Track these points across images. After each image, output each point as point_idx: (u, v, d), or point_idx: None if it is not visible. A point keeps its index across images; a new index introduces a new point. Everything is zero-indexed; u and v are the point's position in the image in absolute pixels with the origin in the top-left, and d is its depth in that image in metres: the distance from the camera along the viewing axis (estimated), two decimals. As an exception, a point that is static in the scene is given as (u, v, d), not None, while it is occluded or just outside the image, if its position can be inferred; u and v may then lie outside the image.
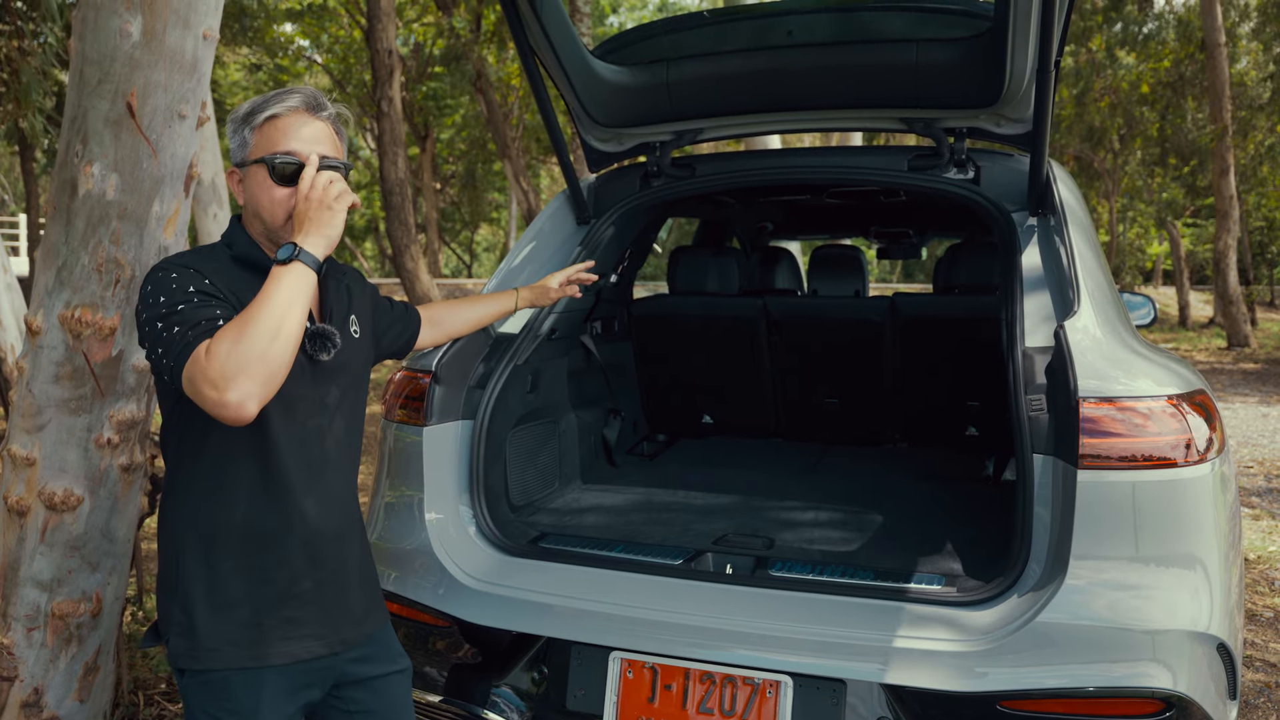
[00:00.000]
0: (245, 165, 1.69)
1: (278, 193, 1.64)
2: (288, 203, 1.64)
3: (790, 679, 1.87)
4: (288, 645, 1.65)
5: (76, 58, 2.54)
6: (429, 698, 2.17)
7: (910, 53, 2.41)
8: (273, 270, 1.51)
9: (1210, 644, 1.80)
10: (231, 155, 1.71)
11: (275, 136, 1.65)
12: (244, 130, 1.69)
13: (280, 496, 1.65)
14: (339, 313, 1.78)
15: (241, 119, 1.70)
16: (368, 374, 1.89)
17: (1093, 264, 2.20)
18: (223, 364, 1.39)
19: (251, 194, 1.68)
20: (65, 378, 2.58)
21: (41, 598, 2.64)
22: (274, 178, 1.64)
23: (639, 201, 2.80)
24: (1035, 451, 1.91)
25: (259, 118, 1.68)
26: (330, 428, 1.73)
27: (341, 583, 1.74)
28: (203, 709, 1.62)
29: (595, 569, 2.14)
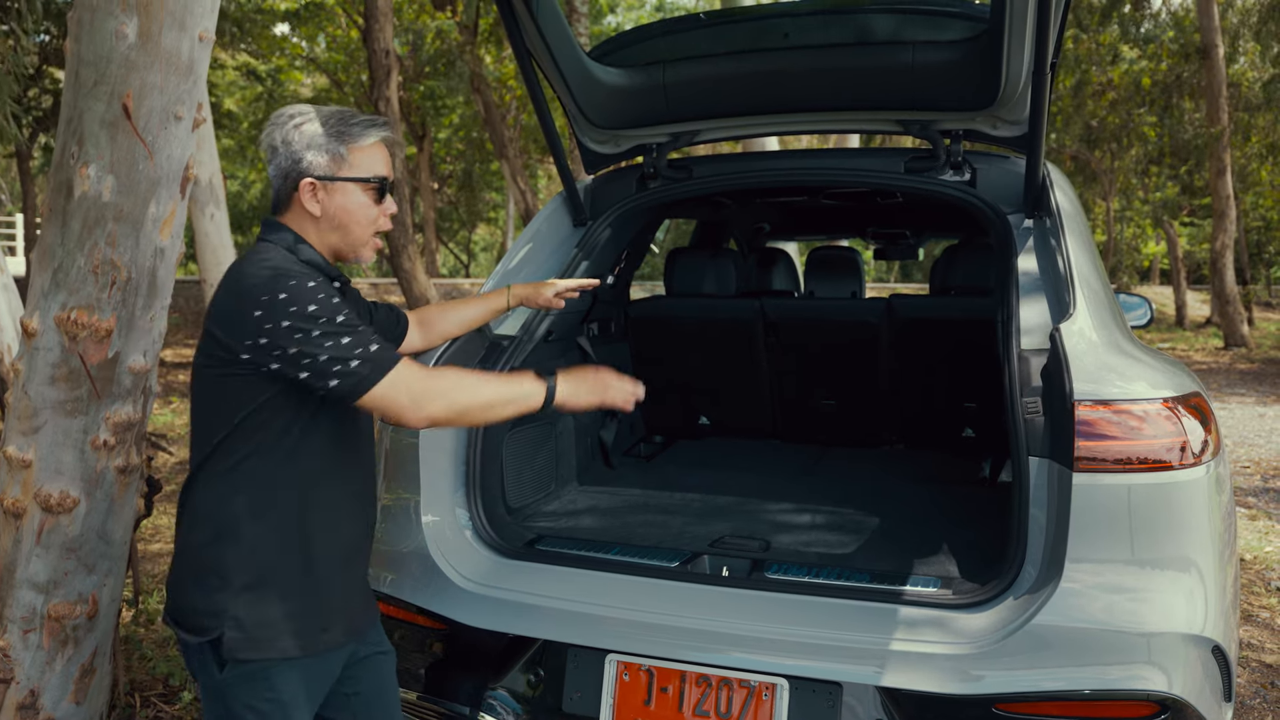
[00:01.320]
0: (336, 180, 1.73)
1: (373, 211, 1.77)
2: (377, 222, 1.78)
3: (786, 681, 1.87)
4: (325, 635, 1.74)
5: (72, 59, 2.54)
6: (425, 700, 2.17)
7: (906, 55, 2.42)
8: (531, 380, 1.76)
9: (1205, 646, 1.80)
10: (310, 167, 1.72)
11: (373, 160, 1.77)
12: (337, 146, 1.73)
13: (335, 498, 1.76)
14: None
15: (334, 135, 1.73)
16: None
17: (1088, 266, 2.20)
18: (435, 394, 1.64)
19: (341, 207, 1.75)
20: (61, 379, 2.57)
21: (38, 600, 2.64)
22: (373, 197, 1.76)
23: (636, 203, 2.80)
24: (1031, 454, 1.91)
25: (362, 139, 1.75)
26: (363, 430, 1.85)
27: (362, 575, 1.88)
28: (244, 701, 1.67)
29: (591, 571, 2.14)
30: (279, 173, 1.74)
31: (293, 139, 1.72)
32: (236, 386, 1.65)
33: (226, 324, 1.63)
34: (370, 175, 1.75)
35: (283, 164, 1.73)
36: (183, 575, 1.72)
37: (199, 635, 1.67)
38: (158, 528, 5.40)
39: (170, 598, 1.75)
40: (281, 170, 1.74)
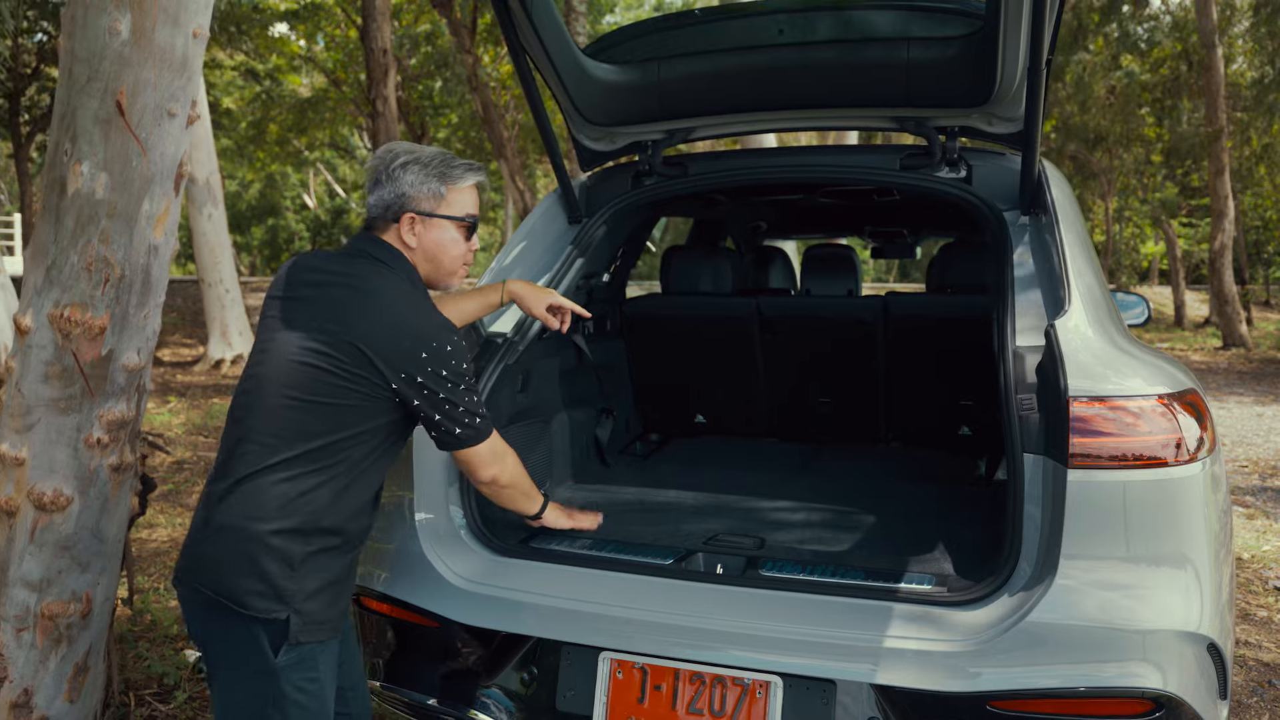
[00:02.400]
0: (434, 216, 1.91)
1: (464, 247, 1.97)
2: (465, 256, 1.99)
3: (780, 679, 1.86)
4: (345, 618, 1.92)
5: (66, 56, 2.53)
6: (418, 699, 2.16)
7: (902, 51, 2.41)
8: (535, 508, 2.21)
9: (1201, 644, 1.79)
10: (413, 202, 1.90)
11: (468, 202, 1.97)
12: (439, 185, 1.91)
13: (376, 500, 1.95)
14: None
15: (436, 175, 1.91)
16: None
17: (1084, 263, 2.20)
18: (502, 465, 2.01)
19: (436, 242, 1.93)
20: (54, 377, 2.57)
21: (31, 598, 2.63)
22: (467, 235, 1.97)
23: (631, 200, 2.79)
24: (1026, 451, 1.91)
25: (461, 181, 1.95)
26: None
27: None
28: (295, 683, 1.78)
29: (585, 569, 2.13)
30: (381, 203, 1.91)
31: (399, 175, 1.89)
32: (358, 401, 1.80)
33: (387, 352, 1.79)
34: (464, 215, 1.94)
35: (386, 196, 1.90)
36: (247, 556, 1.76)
37: (261, 615, 1.74)
38: (154, 526, 5.39)
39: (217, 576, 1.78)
40: (384, 201, 1.90)
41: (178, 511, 5.69)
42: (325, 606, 1.81)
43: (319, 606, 1.79)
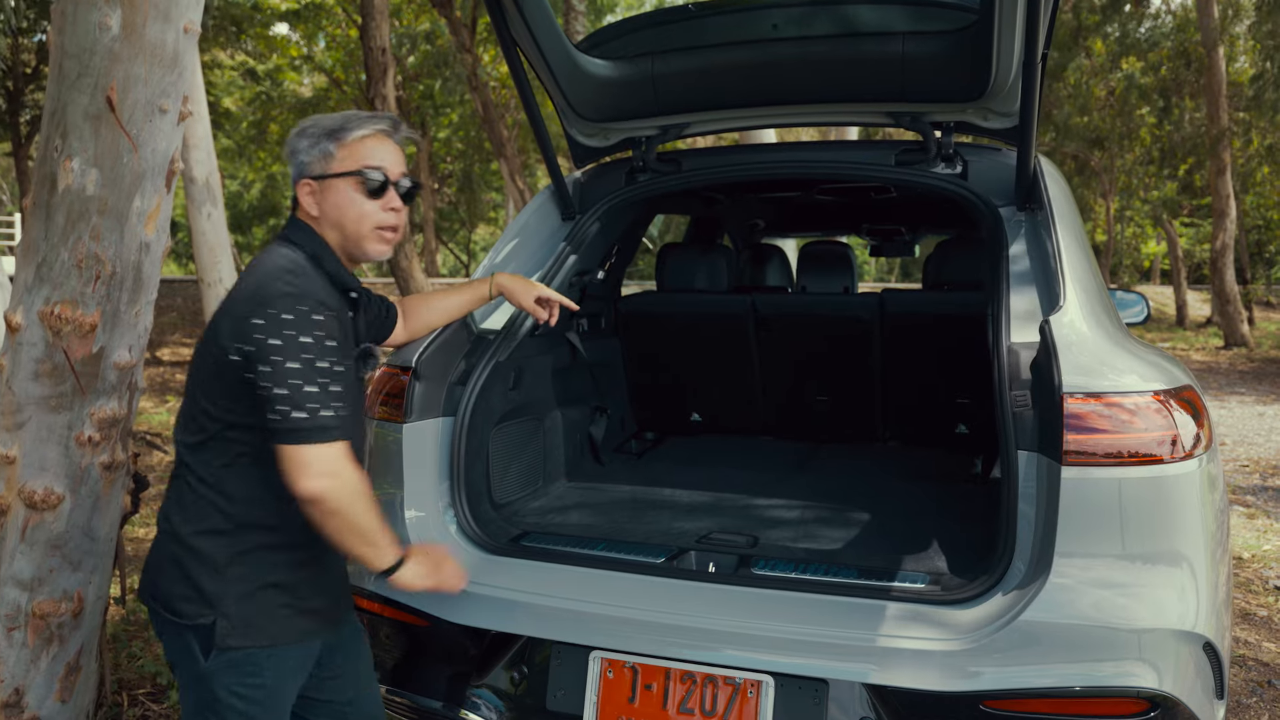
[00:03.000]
0: (326, 178, 1.77)
1: (367, 205, 1.77)
2: (374, 216, 1.78)
3: (772, 679, 1.84)
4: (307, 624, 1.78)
5: (56, 51, 2.52)
6: (408, 698, 2.14)
7: (896, 46, 2.39)
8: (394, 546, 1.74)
9: (1196, 643, 1.77)
10: (306, 168, 1.78)
11: (364, 154, 1.77)
12: (328, 144, 1.77)
13: None
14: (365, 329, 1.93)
15: (325, 135, 1.77)
16: None
17: (1080, 259, 2.18)
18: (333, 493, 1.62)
19: (335, 206, 1.77)
20: (45, 375, 2.55)
21: (22, 597, 2.61)
22: (365, 191, 1.76)
23: (625, 197, 2.77)
24: (1020, 448, 1.89)
25: (349, 135, 1.77)
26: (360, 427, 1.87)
27: (343, 567, 1.92)
28: (228, 687, 1.70)
29: (576, 567, 2.11)
30: (292, 180, 1.81)
31: (296, 145, 1.79)
32: (234, 385, 1.67)
33: (229, 324, 1.67)
34: (358, 168, 1.76)
35: (291, 171, 1.80)
36: (172, 560, 1.73)
37: (189, 621, 1.69)
38: (149, 525, 5.38)
39: (154, 581, 1.77)
40: (292, 177, 1.81)
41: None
42: (264, 610, 1.71)
43: (254, 610, 1.70)
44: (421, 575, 1.79)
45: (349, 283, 1.80)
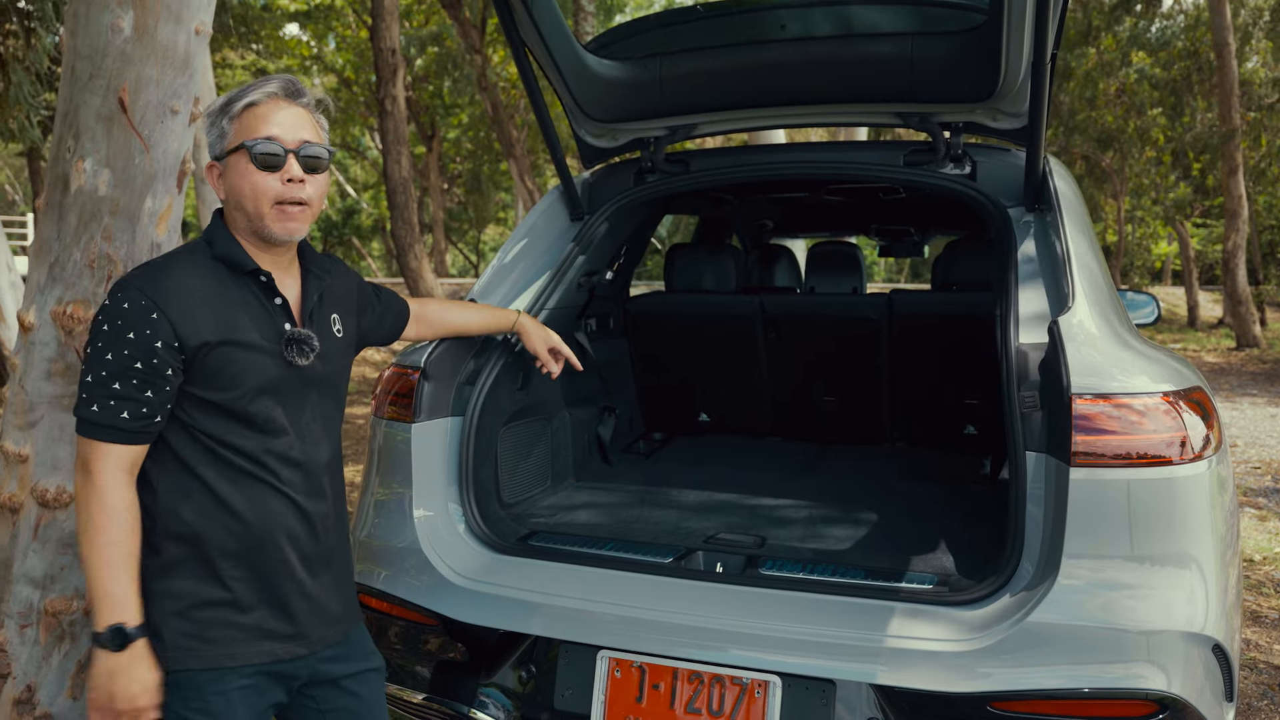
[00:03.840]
0: (224, 156, 1.66)
1: (260, 179, 1.62)
2: (271, 190, 1.63)
3: (779, 679, 1.84)
4: (262, 645, 1.65)
5: (69, 53, 2.53)
6: (416, 697, 2.15)
7: (905, 46, 2.39)
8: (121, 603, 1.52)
9: (1206, 645, 1.77)
10: (210, 149, 1.68)
11: (254, 124, 1.64)
12: (221, 121, 1.66)
13: (265, 499, 1.66)
14: (320, 313, 1.77)
15: (219, 110, 1.68)
16: (348, 370, 1.89)
17: (1089, 259, 2.17)
18: (81, 492, 1.54)
19: (233, 185, 1.66)
20: (58, 374, 2.57)
21: (34, 595, 2.63)
22: (255, 164, 1.62)
23: (633, 197, 2.78)
24: (1028, 449, 1.89)
25: (236, 107, 1.65)
26: (312, 427, 1.73)
27: (324, 582, 1.75)
28: (174, 710, 1.60)
29: (584, 567, 2.11)
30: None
31: (205, 126, 1.69)
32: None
33: None
34: (245, 140, 1.62)
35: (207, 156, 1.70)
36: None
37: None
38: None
39: None
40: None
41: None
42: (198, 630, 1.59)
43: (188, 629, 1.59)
44: (111, 684, 1.52)
45: (245, 263, 1.65)
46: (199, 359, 1.58)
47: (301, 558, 1.70)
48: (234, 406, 1.61)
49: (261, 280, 1.67)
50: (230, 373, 1.60)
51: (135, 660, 1.53)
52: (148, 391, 1.55)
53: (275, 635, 1.67)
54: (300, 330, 1.68)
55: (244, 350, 1.61)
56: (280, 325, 1.67)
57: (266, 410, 1.64)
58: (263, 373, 1.63)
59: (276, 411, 1.66)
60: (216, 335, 1.59)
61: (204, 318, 1.58)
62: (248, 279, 1.66)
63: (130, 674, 1.52)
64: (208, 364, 1.59)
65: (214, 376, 1.59)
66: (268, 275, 1.68)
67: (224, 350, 1.59)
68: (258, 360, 1.62)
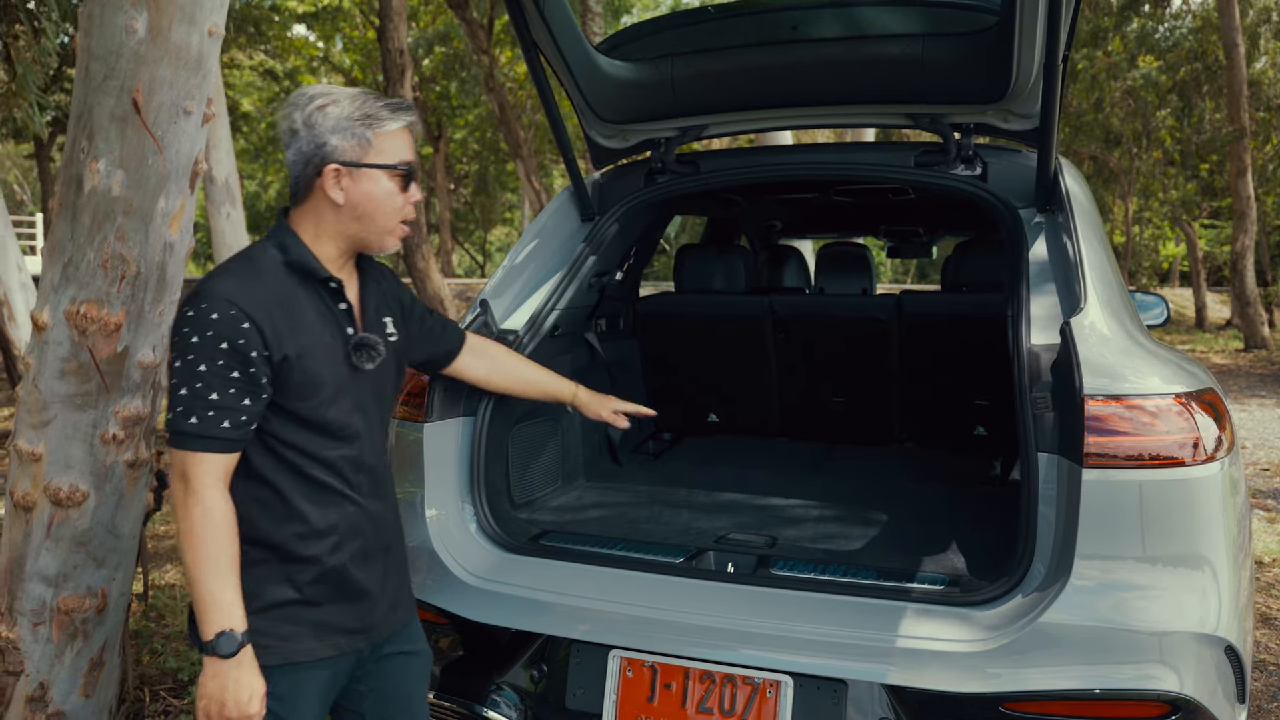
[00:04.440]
0: (362, 166, 1.67)
1: (400, 199, 1.71)
2: (403, 210, 1.73)
3: (791, 679, 1.85)
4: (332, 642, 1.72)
5: (83, 54, 2.55)
6: (428, 695, 2.16)
7: (916, 47, 2.39)
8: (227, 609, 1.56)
9: (1218, 646, 1.76)
10: (334, 152, 1.65)
11: (398, 146, 1.71)
12: (364, 131, 1.66)
13: (336, 505, 1.71)
14: (377, 317, 1.82)
15: (359, 120, 1.67)
16: (402, 375, 1.93)
17: (1101, 260, 2.17)
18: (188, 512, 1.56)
19: (366, 195, 1.68)
20: (71, 373, 2.58)
21: (47, 593, 2.65)
22: (399, 184, 1.71)
23: (643, 198, 2.78)
24: (1040, 450, 1.88)
25: (389, 124, 1.69)
26: (375, 431, 1.79)
27: (385, 577, 1.82)
28: None
29: (596, 567, 2.12)
30: (300, 158, 1.67)
31: (316, 121, 1.65)
32: None
33: None
34: (397, 162, 1.70)
35: (304, 148, 1.66)
36: None
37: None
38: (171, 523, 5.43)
39: None
40: (303, 155, 1.66)
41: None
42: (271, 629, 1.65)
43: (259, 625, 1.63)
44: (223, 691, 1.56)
45: (319, 271, 1.68)
46: (284, 369, 1.61)
47: (366, 556, 1.76)
48: (311, 415, 1.65)
49: (331, 287, 1.71)
50: (310, 382, 1.64)
51: (244, 665, 1.57)
52: (245, 400, 1.57)
53: (343, 630, 1.73)
54: (366, 335, 1.73)
55: (320, 358, 1.66)
56: (345, 330, 1.72)
57: (339, 416, 1.69)
58: (335, 379, 1.67)
59: (349, 417, 1.70)
60: (298, 345, 1.63)
61: (287, 328, 1.62)
62: (317, 285, 1.70)
63: (239, 679, 1.56)
64: (291, 373, 1.62)
65: (296, 386, 1.63)
66: (338, 282, 1.71)
67: (304, 360, 1.63)
68: (331, 367, 1.67)
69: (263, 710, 1.60)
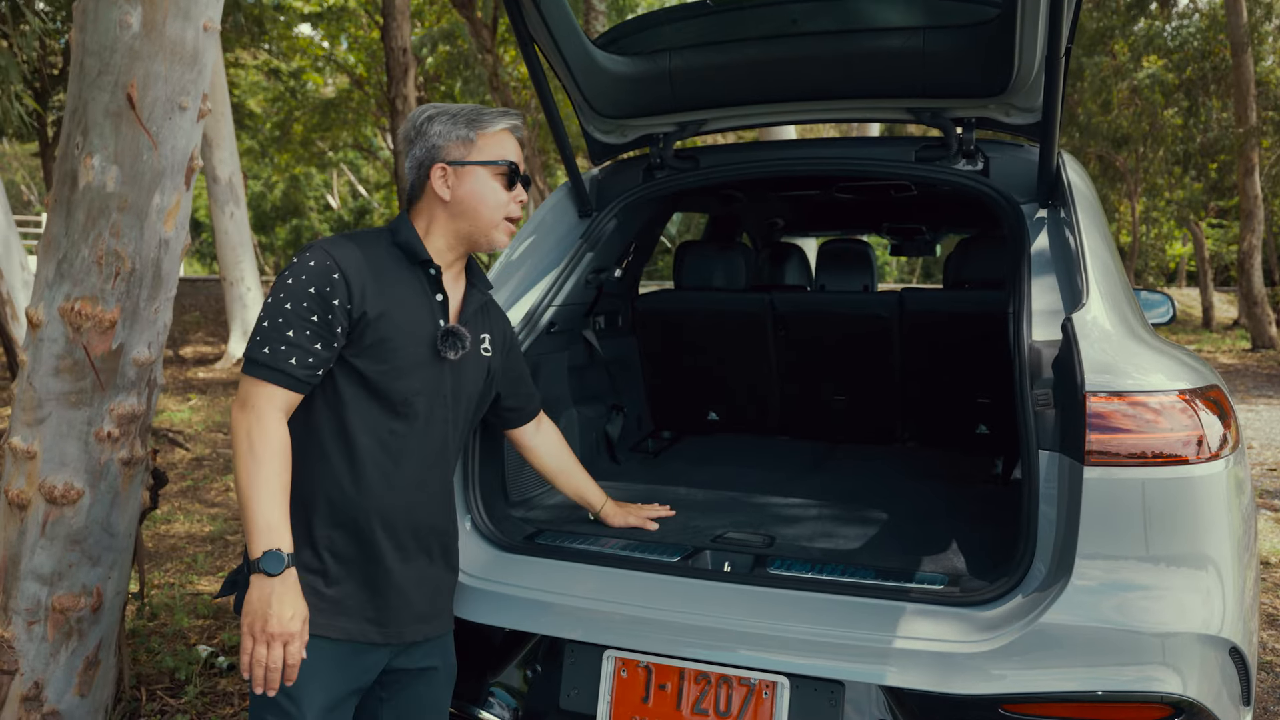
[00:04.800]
0: (466, 164, 1.79)
1: (504, 196, 1.82)
2: (506, 207, 1.82)
3: (787, 680, 1.82)
4: (344, 622, 1.72)
5: (77, 49, 2.54)
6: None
7: (917, 40, 2.36)
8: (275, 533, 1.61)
9: (1222, 648, 1.73)
10: (440, 152, 1.79)
11: (502, 146, 1.83)
12: (468, 131, 1.80)
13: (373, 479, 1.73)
14: (475, 324, 1.90)
15: (466, 120, 1.81)
16: (486, 397, 1.98)
17: (1104, 255, 2.13)
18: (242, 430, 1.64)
19: (470, 192, 1.80)
20: (65, 370, 2.57)
21: (42, 591, 2.63)
22: (503, 182, 1.82)
23: (642, 194, 2.75)
24: (1041, 447, 1.85)
25: (492, 125, 1.82)
26: (440, 428, 1.82)
27: (417, 578, 1.81)
28: None
29: (591, 566, 2.09)
30: (414, 162, 1.82)
31: (427, 129, 1.80)
32: None
33: None
34: (498, 159, 1.81)
35: (418, 153, 1.81)
36: None
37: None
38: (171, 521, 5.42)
39: None
40: (416, 159, 1.81)
41: (195, 508, 5.72)
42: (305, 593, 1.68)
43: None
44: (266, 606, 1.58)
45: (420, 253, 1.79)
46: (363, 324, 1.69)
47: (396, 547, 1.76)
48: (379, 381, 1.71)
49: (430, 273, 1.80)
50: (384, 346, 1.71)
51: (289, 585, 1.61)
52: (317, 344, 1.66)
53: (354, 615, 1.73)
54: (457, 326, 1.81)
55: (402, 329, 1.73)
56: (437, 318, 1.79)
57: (405, 393, 1.74)
58: (413, 356, 1.74)
59: (414, 396, 1.75)
60: (380, 307, 1.70)
61: (376, 289, 1.71)
62: (419, 269, 1.80)
63: (284, 598, 1.60)
64: (369, 332, 1.70)
65: (372, 346, 1.70)
66: (437, 269, 1.81)
67: (386, 322, 1.71)
68: (413, 343, 1.74)
69: (304, 632, 1.63)
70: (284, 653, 1.61)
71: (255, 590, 1.60)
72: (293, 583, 1.62)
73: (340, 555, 1.72)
